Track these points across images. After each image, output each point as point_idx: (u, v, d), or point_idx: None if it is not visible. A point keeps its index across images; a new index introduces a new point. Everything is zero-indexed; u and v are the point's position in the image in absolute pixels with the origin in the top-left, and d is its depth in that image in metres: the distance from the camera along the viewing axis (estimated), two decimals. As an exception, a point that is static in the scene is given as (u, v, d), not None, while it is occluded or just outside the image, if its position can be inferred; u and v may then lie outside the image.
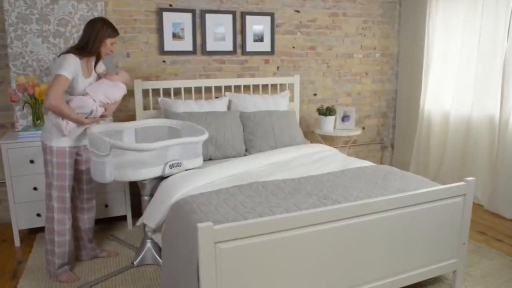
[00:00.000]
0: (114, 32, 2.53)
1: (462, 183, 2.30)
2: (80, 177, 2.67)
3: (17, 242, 3.08)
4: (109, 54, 2.61)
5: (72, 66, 2.37)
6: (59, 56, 2.45)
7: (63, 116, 2.38)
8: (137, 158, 2.56)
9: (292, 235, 1.86)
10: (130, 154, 2.51)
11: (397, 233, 2.14)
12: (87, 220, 2.75)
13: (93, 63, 2.58)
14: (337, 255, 1.99)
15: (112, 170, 2.45)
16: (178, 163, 2.65)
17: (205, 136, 2.76)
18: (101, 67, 2.67)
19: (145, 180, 2.64)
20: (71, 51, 2.42)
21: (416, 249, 2.23)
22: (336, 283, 2.02)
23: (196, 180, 2.55)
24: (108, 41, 2.51)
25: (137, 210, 3.59)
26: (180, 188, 2.47)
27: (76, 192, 2.69)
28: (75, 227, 2.76)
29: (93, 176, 2.51)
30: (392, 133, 4.93)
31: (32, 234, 3.26)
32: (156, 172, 2.56)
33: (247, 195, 2.31)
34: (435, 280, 2.58)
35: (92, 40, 2.45)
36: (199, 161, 2.83)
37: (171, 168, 2.61)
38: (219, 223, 1.90)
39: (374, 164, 2.97)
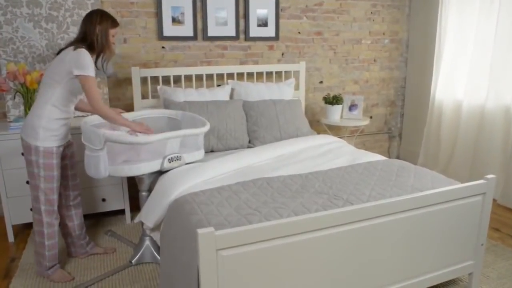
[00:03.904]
0: (114, 22, 2.37)
1: (482, 181, 2.14)
2: (65, 173, 2.51)
3: (10, 238, 2.95)
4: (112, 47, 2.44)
5: (92, 64, 2.25)
6: (72, 49, 2.26)
7: (110, 120, 2.34)
8: (134, 152, 2.42)
9: (300, 240, 1.71)
10: (126, 148, 2.37)
11: (412, 235, 1.99)
12: (74, 216, 2.60)
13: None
14: (349, 260, 1.85)
15: (107, 164, 2.30)
16: (177, 156, 2.50)
17: (206, 128, 2.61)
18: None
19: (143, 175, 2.49)
20: (83, 47, 2.25)
21: (432, 251, 2.09)
22: (347, 290, 1.89)
23: (196, 175, 2.40)
24: (110, 32, 2.35)
25: (135, 203, 3.46)
26: (180, 184, 2.32)
27: (61, 190, 2.52)
28: (62, 225, 2.61)
29: (87, 171, 2.36)
30: (400, 122, 4.76)
31: (26, 229, 3.13)
32: (154, 166, 2.42)
33: (251, 193, 2.16)
34: (449, 282, 2.44)
35: (99, 36, 2.30)
36: (200, 154, 2.69)
37: (170, 162, 2.47)
38: (221, 226, 1.75)
39: (385, 158, 2.81)
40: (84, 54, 2.22)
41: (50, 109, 2.27)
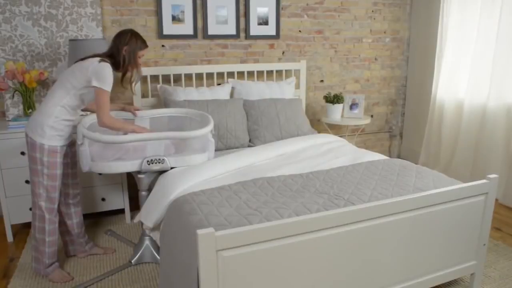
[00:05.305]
0: (142, 44, 2.39)
1: (484, 180, 2.12)
2: (65, 172, 2.50)
3: (9, 238, 2.93)
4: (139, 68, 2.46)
5: (111, 80, 2.28)
6: (98, 61, 2.27)
7: (118, 130, 2.40)
8: (111, 150, 2.43)
9: (301, 240, 1.70)
10: (103, 145, 2.38)
11: (413, 235, 1.98)
12: (73, 214, 2.59)
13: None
14: (350, 260, 1.84)
15: (88, 159, 2.34)
16: (159, 159, 2.43)
17: (193, 133, 2.46)
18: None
19: (141, 175, 2.48)
20: (107, 61, 2.29)
21: (434, 251, 2.07)
22: (348, 290, 1.87)
23: (196, 175, 2.38)
24: (137, 54, 2.37)
25: (135, 203, 3.46)
26: (180, 183, 2.30)
27: (61, 187, 2.51)
28: (61, 222, 2.60)
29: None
30: (401, 121, 4.74)
31: (25, 229, 3.12)
32: (132, 167, 2.39)
33: (251, 192, 2.15)
34: (451, 282, 2.43)
35: (126, 57, 2.33)
36: (191, 159, 2.51)
37: (149, 164, 2.41)
38: (221, 227, 1.73)
39: (386, 158, 2.79)
40: (107, 69, 2.26)
41: (60, 110, 2.28)
